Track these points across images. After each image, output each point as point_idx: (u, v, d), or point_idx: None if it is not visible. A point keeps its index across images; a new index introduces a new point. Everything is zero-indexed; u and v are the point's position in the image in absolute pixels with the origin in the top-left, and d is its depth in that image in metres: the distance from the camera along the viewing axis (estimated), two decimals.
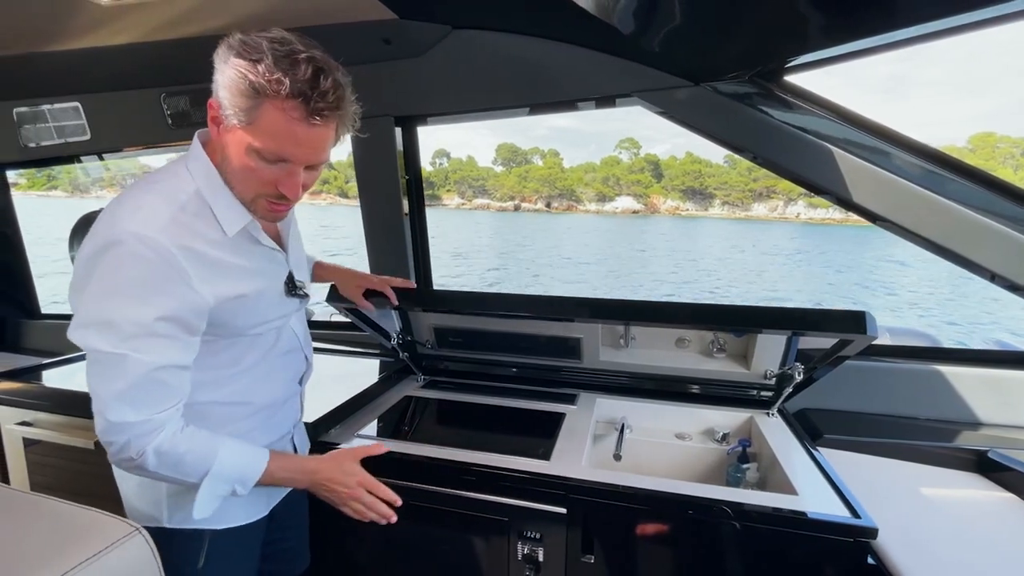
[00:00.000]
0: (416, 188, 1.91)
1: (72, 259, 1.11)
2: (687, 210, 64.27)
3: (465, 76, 1.62)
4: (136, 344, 0.77)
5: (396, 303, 1.40)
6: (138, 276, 0.76)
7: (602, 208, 64.76)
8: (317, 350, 2.07)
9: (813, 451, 1.36)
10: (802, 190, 1.54)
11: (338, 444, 1.40)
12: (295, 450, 1.19)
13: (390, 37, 1.56)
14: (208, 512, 0.90)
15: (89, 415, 0.80)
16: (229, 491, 0.90)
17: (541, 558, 1.25)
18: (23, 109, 2.09)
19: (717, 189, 63.63)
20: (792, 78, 1.43)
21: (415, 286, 1.44)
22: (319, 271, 1.39)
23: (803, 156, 1.40)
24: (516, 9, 1.45)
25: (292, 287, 1.02)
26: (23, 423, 1.63)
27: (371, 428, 1.50)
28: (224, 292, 0.85)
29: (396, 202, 1.86)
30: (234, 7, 1.45)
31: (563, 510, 1.22)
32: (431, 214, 1.98)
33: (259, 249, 0.94)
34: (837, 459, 1.37)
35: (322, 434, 1.42)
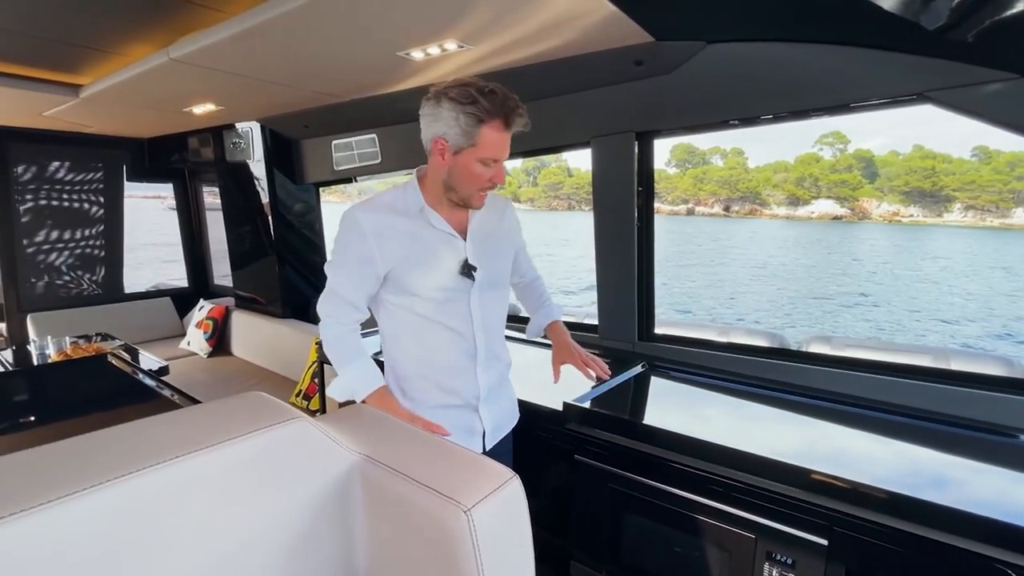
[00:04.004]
0: (646, 199, 1.98)
1: None
2: (910, 215, 52.51)
3: (717, 89, 1.63)
4: (334, 271, 1.26)
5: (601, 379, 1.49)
6: (343, 235, 1.24)
7: (793, 213, 56.66)
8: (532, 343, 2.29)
9: None
10: None
11: (581, 432, 1.54)
12: (480, 422, 1.32)
13: (643, 58, 1.65)
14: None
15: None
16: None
17: None
18: (338, 141, 2.77)
19: (958, 190, 50.58)
20: None
21: (609, 375, 1.53)
22: (549, 328, 1.52)
23: None
24: (781, 18, 1.41)
25: (464, 268, 1.24)
26: None
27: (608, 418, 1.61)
28: (393, 250, 1.21)
29: (628, 213, 1.95)
30: (515, 51, 1.69)
31: (824, 541, 1.16)
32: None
33: (433, 231, 1.23)
34: None
35: (570, 422, 1.58)
